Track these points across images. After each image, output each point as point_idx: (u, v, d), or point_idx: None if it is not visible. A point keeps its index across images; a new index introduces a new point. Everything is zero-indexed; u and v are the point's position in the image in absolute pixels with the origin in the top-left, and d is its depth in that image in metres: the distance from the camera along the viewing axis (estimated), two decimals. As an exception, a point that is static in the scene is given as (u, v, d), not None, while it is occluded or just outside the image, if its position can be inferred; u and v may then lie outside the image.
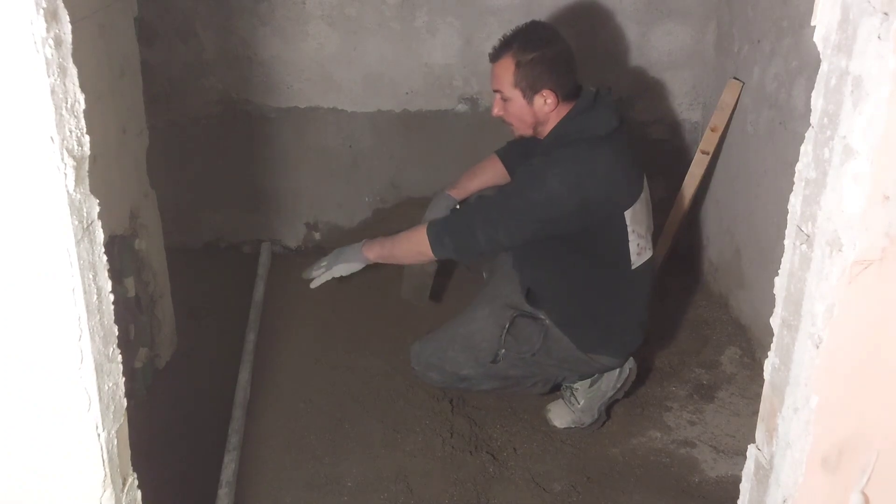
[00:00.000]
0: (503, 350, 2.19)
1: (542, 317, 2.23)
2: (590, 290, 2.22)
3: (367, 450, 2.19)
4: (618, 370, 2.29)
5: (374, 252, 2.26)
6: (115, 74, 2.09)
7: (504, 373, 2.24)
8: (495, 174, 2.54)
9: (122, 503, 1.24)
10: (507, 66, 2.11)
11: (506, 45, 2.13)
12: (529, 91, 2.11)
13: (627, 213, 2.11)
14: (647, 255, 2.21)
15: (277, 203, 3.22)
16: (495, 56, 2.15)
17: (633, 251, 2.15)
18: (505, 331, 2.19)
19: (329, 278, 2.31)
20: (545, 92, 2.10)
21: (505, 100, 2.16)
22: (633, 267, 2.17)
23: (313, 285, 2.34)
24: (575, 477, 2.12)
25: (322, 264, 2.34)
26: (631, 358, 2.30)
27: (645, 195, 2.19)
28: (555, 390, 2.37)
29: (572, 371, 2.28)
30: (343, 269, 2.29)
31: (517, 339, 2.20)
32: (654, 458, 2.21)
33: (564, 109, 2.14)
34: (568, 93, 2.14)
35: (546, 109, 2.13)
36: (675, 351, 2.67)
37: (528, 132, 2.20)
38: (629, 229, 2.12)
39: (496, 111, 2.21)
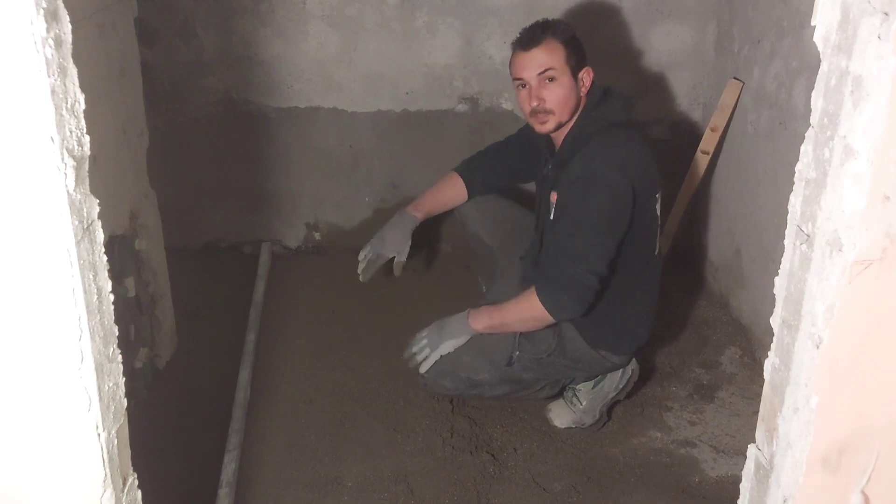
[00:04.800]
0: (517, 352, 2.18)
1: None
2: (609, 285, 2.15)
3: (368, 450, 2.19)
4: (621, 371, 2.29)
5: (483, 323, 2.17)
6: (115, 75, 2.09)
7: (518, 376, 2.23)
8: (455, 192, 2.52)
9: (122, 503, 1.24)
10: (554, 47, 2.10)
11: (545, 29, 2.12)
12: (577, 68, 2.13)
13: (658, 196, 2.14)
14: (658, 244, 2.24)
15: (277, 203, 3.22)
16: (536, 41, 2.10)
17: (657, 238, 2.18)
18: (518, 333, 2.19)
19: (437, 359, 2.20)
20: (587, 70, 2.15)
21: (552, 80, 2.10)
22: (655, 253, 2.19)
23: (422, 369, 2.22)
24: (575, 477, 2.12)
25: (422, 343, 2.23)
26: (633, 359, 2.31)
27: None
28: (558, 392, 2.37)
29: (583, 371, 2.27)
30: (450, 345, 2.19)
31: (531, 340, 2.19)
32: (655, 458, 2.21)
33: (582, 101, 2.17)
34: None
35: (583, 91, 2.15)
36: (675, 351, 2.67)
37: (566, 117, 2.14)
38: (658, 214, 2.15)
39: (539, 98, 2.11)
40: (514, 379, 2.24)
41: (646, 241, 2.17)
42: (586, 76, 2.15)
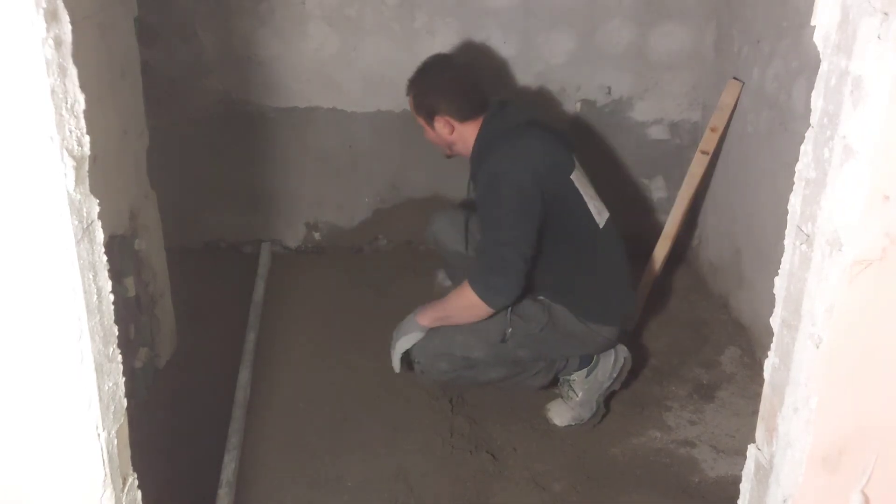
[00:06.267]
0: (510, 329, 2.22)
1: (541, 297, 2.30)
2: (569, 261, 2.29)
3: (368, 449, 2.19)
4: (612, 358, 2.34)
5: (429, 318, 2.28)
6: (116, 75, 2.09)
7: (513, 354, 2.25)
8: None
9: (122, 503, 1.24)
10: (410, 101, 2.38)
11: (409, 82, 2.39)
12: (428, 119, 2.34)
13: (573, 177, 2.24)
14: (606, 214, 2.33)
15: (277, 203, 3.22)
16: (406, 92, 2.40)
17: (593, 212, 2.27)
18: (510, 311, 2.22)
19: (398, 357, 2.31)
20: (438, 118, 2.32)
21: (421, 126, 2.40)
22: (600, 226, 2.28)
23: (395, 370, 2.33)
24: (575, 476, 2.12)
25: (392, 348, 2.34)
26: (625, 347, 2.37)
27: (579, 166, 2.32)
28: (553, 384, 2.37)
29: (576, 347, 2.32)
30: (404, 342, 2.29)
31: (522, 317, 2.24)
32: (654, 457, 2.21)
33: (474, 127, 2.31)
34: (467, 114, 2.31)
35: (446, 132, 2.33)
36: (675, 351, 2.67)
37: (447, 153, 2.43)
38: (580, 192, 2.25)
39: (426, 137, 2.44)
40: (509, 359, 2.26)
41: (579, 216, 2.26)
42: (442, 124, 2.31)
